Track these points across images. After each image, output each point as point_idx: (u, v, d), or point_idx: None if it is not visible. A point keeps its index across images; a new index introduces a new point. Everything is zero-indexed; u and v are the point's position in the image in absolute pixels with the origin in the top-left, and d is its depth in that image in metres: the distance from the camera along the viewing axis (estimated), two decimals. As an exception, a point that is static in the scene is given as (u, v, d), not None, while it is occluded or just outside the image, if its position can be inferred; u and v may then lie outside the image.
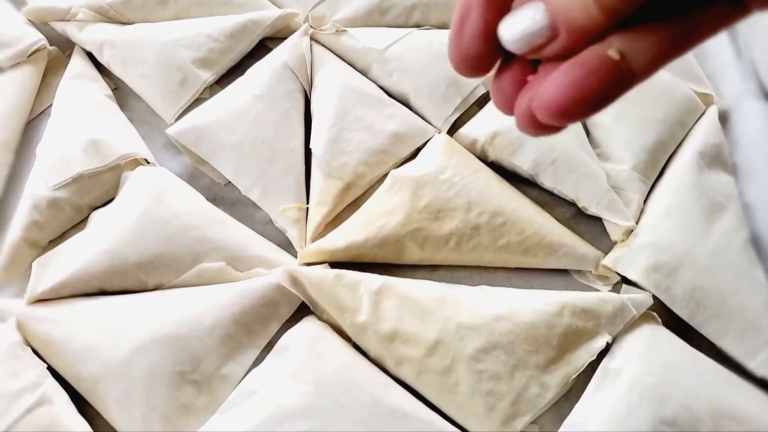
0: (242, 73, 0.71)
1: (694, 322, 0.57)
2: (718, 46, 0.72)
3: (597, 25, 0.24)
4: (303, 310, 0.58)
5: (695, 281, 0.58)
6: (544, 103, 0.25)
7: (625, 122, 0.67)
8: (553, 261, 0.61)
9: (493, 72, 0.29)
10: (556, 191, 0.64)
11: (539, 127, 0.26)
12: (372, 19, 0.76)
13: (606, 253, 0.62)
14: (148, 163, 0.65)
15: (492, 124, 0.66)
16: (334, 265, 0.60)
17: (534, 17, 0.25)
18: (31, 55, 0.71)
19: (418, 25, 0.76)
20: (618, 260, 0.60)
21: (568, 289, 0.60)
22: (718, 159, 0.66)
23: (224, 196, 0.66)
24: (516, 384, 0.53)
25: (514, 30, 0.25)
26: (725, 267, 0.59)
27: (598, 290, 0.61)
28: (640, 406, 0.51)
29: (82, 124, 0.65)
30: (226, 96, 0.69)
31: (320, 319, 0.57)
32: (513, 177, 0.66)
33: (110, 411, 0.52)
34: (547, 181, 0.64)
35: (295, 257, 0.62)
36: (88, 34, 0.73)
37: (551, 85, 0.25)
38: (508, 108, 0.28)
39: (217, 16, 0.75)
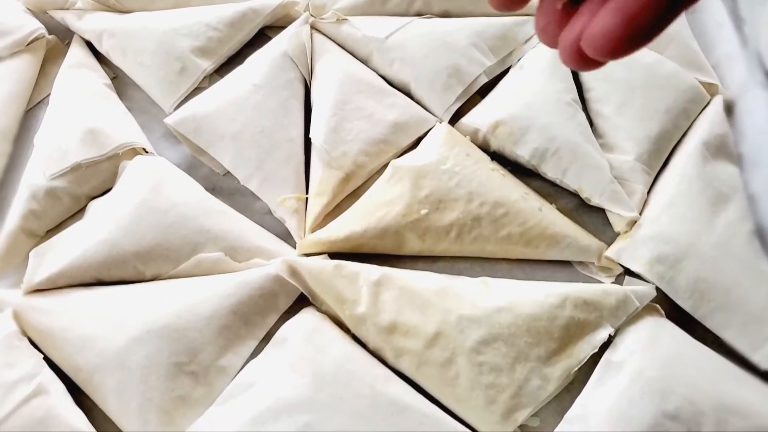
0: (242, 62, 0.71)
1: (697, 314, 0.57)
2: (723, 35, 0.71)
3: None
4: (302, 302, 0.58)
5: (699, 273, 0.57)
6: (595, 40, 0.25)
7: (629, 112, 0.66)
8: (555, 252, 0.60)
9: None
10: (558, 182, 0.64)
11: (585, 62, 0.27)
12: (373, 7, 0.75)
13: (609, 245, 0.61)
14: (147, 152, 0.65)
15: (494, 113, 0.65)
16: (334, 255, 0.59)
17: None
18: (30, 43, 0.71)
19: (419, 14, 0.75)
20: (621, 252, 0.60)
21: (571, 280, 0.60)
22: (722, 149, 0.65)
23: (223, 186, 0.65)
24: (517, 376, 0.52)
25: None
26: (730, 259, 0.58)
27: (600, 282, 0.60)
28: (643, 399, 0.50)
29: (81, 114, 0.64)
30: (225, 85, 0.68)
31: (319, 310, 0.57)
32: (515, 168, 0.66)
33: (107, 402, 0.52)
34: (549, 172, 0.63)
35: (294, 248, 0.61)
36: (87, 23, 0.73)
37: (601, 22, 0.25)
38: (551, 42, 0.29)
39: (217, 4, 0.74)
